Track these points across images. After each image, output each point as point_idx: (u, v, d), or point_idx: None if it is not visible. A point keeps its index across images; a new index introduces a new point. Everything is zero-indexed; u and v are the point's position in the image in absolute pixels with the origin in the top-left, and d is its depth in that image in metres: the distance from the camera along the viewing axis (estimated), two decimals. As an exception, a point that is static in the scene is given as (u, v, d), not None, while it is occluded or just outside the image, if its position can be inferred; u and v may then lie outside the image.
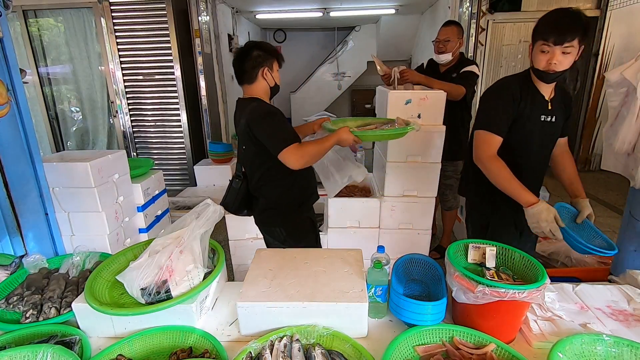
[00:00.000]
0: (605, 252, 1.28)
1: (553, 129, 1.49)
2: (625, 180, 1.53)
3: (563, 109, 1.50)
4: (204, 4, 4.43)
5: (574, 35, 1.27)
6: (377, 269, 1.08)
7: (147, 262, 1.07)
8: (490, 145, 1.45)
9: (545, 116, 1.45)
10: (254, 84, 1.62)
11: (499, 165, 1.42)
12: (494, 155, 1.44)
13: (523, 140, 1.47)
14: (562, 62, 1.32)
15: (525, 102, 1.43)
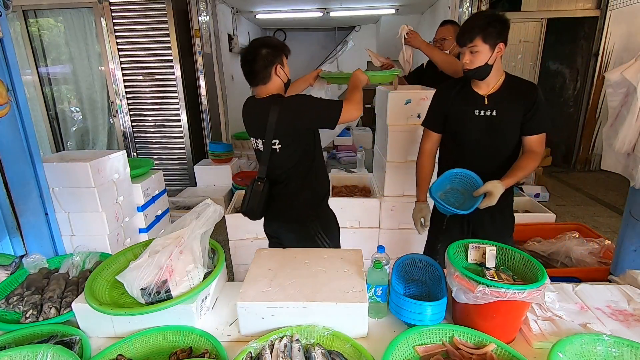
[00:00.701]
0: (456, 211, 1.41)
1: (493, 122, 1.51)
2: (625, 180, 1.53)
3: (513, 104, 1.49)
4: (204, 4, 4.43)
5: (472, 37, 1.38)
6: (377, 269, 1.08)
7: (147, 262, 1.07)
8: (425, 139, 1.72)
9: (479, 110, 1.52)
10: (269, 83, 1.55)
11: (421, 159, 1.73)
12: (424, 149, 1.72)
13: (461, 131, 1.60)
14: (473, 60, 1.42)
15: (457, 100, 1.58)
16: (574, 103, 5.36)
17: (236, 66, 5.94)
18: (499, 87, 1.51)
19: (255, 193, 1.62)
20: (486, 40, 1.38)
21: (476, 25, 1.38)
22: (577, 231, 2.32)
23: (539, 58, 5.09)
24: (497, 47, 1.40)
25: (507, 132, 1.53)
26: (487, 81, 1.49)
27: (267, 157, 1.58)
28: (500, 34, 1.39)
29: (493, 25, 1.37)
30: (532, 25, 4.95)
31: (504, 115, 1.50)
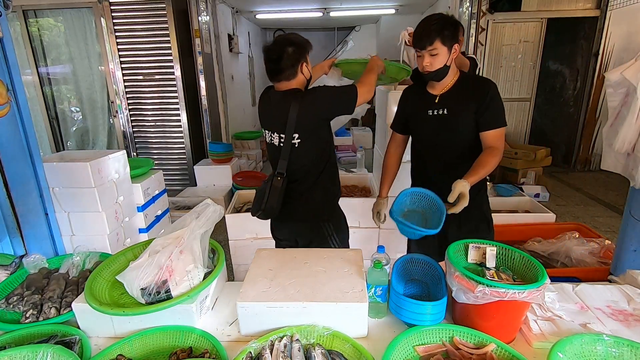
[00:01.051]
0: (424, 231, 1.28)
1: (445, 121, 1.53)
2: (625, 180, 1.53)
3: (464, 102, 1.49)
4: (204, 4, 4.43)
5: (431, 39, 1.40)
6: (377, 269, 1.08)
7: (147, 262, 1.07)
8: (391, 140, 1.79)
9: (432, 110, 1.55)
10: (293, 80, 1.55)
11: (385, 159, 1.79)
12: (389, 150, 1.79)
13: (418, 132, 1.65)
14: (433, 62, 1.44)
15: (414, 101, 1.63)
16: (574, 103, 5.36)
17: (236, 66, 5.95)
18: (451, 86, 1.53)
19: (275, 189, 1.57)
20: (444, 42, 1.40)
21: (433, 29, 1.40)
22: (577, 231, 2.31)
23: (539, 58, 5.09)
24: (453, 49, 1.44)
25: (459, 129, 1.53)
26: (442, 81, 1.52)
27: (287, 152, 1.55)
28: (454, 36, 1.43)
29: (448, 27, 1.40)
30: (532, 25, 4.95)
31: (455, 114, 1.51)
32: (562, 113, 5.63)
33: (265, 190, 1.59)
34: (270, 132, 1.61)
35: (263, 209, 1.60)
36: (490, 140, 1.49)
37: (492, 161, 1.45)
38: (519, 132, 5.41)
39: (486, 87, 1.48)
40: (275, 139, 1.58)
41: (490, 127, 1.48)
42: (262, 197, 1.61)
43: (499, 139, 1.50)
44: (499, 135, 1.50)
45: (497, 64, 5.10)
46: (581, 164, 5.37)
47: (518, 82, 5.20)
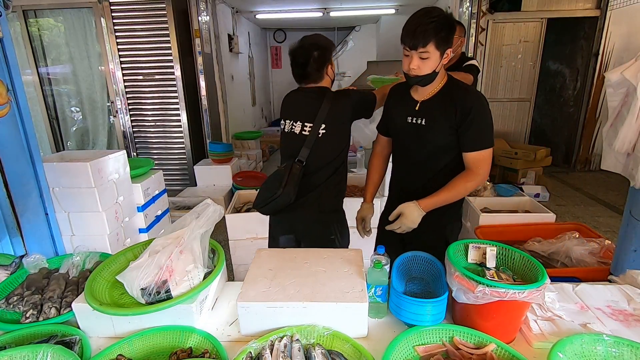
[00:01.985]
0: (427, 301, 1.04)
1: (422, 132, 1.38)
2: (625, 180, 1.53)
3: (444, 114, 1.34)
4: (204, 4, 4.44)
5: (425, 41, 1.23)
6: (377, 269, 1.08)
7: (147, 262, 1.07)
8: (377, 142, 1.67)
9: (411, 118, 1.41)
10: (321, 82, 1.62)
11: (371, 160, 1.68)
12: (374, 151, 1.68)
13: (396, 138, 1.55)
14: (421, 67, 1.28)
15: (396, 104, 1.50)
16: (574, 103, 5.36)
17: (236, 66, 5.96)
18: (435, 94, 1.37)
19: (294, 176, 1.56)
20: (438, 46, 1.24)
21: (430, 28, 1.21)
22: (577, 231, 2.31)
23: (539, 58, 5.09)
24: (445, 54, 1.28)
25: (435, 143, 1.38)
26: (426, 87, 1.37)
27: (312, 141, 1.58)
28: (450, 40, 1.27)
29: (445, 29, 1.24)
30: (532, 25, 4.95)
31: (433, 125, 1.36)
32: (562, 113, 5.63)
33: (284, 175, 1.56)
34: (293, 121, 1.63)
35: (280, 195, 1.55)
36: (470, 162, 1.35)
37: (465, 186, 1.33)
38: (519, 132, 5.42)
39: (470, 102, 1.30)
40: (298, 128, 1.62)
41: (471, 148, 1.33)
42: (278, 182, 1.56)
43: (481, 161, 1.34)
44: (482, 157, 1.34)
45: (497, 64, 5.10)
46: (581, 164, 5.37)
47: (518, 82, 5.20)
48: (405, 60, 1.31)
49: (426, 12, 1.25)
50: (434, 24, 1.22)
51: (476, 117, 1.30)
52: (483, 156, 1.34)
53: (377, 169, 1.67)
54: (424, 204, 1.31)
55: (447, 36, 1.25)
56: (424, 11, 1.26)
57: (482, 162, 1.34)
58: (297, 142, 1.61)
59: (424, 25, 1.22)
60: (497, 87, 5.22)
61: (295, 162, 1.58)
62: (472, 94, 1.34)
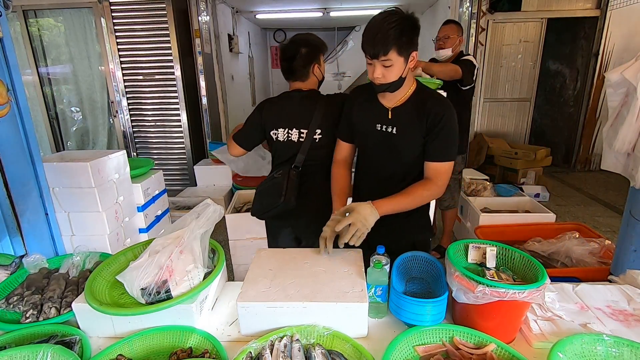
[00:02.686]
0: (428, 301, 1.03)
1: (392, 140, 1.33)
2: (625, 180, 1.53)
3: (415, 122, 1.29)
4: (204, 4, 4.44)
5: (385, 49, 1.15)
6: (377, 269, 1.08)
7: (147, 262, 1.07)
8: (338, 149, 1.52)
9: (381, 125, 1.34)
10: (307, 81, 1.60)
11: (335, 171, 1.50)
12: (337, 160, 1.51)
13: (363, 145, 1.45)
14: (386, 75, 1.21)
15: (362, 110, 1.40)
16: (574, 103, 5.36)
17: (236, 66, 5.95)
18: (406, 100, 1.31)
19: (292, 182, 1.55)
20: (401, 52, 1.17)
21: (390, 35, 1.14)
22: (577, 231, 2.32)
23: (539, 58, 5.09)
24: (410, 57, 1.21)
25: (406, 153, 1.34)
26: (395, 92, 1.30)
27: (307, 147, 1.57)
28: (413, 42, 1.19)
29: (407, 32, 1.16)
30: (532, 25, 4.95)
31: (404, 134, 1.31)
32: (562, 113, 5.63)
33: (282, 184, 1.56)
34: (289, 129, 1.61)
35: (281, 203, 1.54)
36: (430, 172, 1.31)
37: (423, 194, 1.28)
38: (519, 132, 5.42)
39: (441, 112, 1.26)
40: (295, 135, 1.60)
41: (435, 158, 1.29)
42: (278, 191, 1.55)
43: (442, 173, 1.30)
44: (443, 169, 1.30)
45: (497, 64, 5.10)
46: (581, 164, 5.37)
47: (518, 82, 5.20)
48: (369, 68, 1.25)
49: (384, 18, 1.17)
50: (394, 29, 1.14)
51: (445, 127, 1.26)
52: (445, 168, 1.30)
53: (343, 177, 1.50)
54: (380, 205, 1.23)
55: (409, 40, 1.18)
56: (382, 16, 1.17)
57: (443, 174, 1.30)
58: (293, 149, 1.60)
59: (383, 31, 1.14)
60: (497, 87, 5.22)
61: (292, 168, 1.58)
62: (443, 102, 1.30)
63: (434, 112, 1.26)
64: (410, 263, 1.27)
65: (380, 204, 1.23)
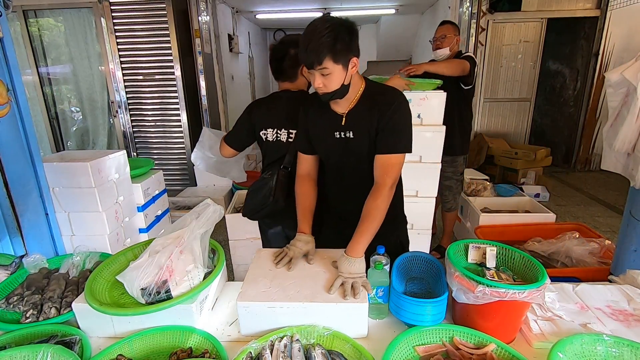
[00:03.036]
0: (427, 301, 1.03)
1: (352, 146, 1.28)
2: (625, 180, 1.53)
3: (368, 121, 1.24)
4: (204, 4, 4.43)
5: (320, 58, 1.10)
6: (378, 270, 1.08)
7: (147, 262, 1.07)
8: (300, 164, 1.42)
9: (338, 132, 1.28)
10: (296, 82, 1.61)
11: (299, 188, 1.40)
12: (301, 175, 1.41)
13: (326, 157, 1.38)
14: (327, 84, 1.16)
15: (316, 119, 1.33)
16: (574, 103, 5.36)
17: (236, 66, 5.95)
18: (357, 102, 1.26)
19: (281, 183, 1.55)
20: (337, 60, 1.12)
21: (322, 43, 1.09)
22: (577, 231, 2.32)
23: (539, 58, 5.09)
24: (350, 63, 1.16)
25: (367, 155, 1.27)
26: (345, 98, 1.25)
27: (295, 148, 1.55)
28: (350, 48, 1.14)
29: (341, 39, 1.10)
30: (532, 25, 4.95)
31: (361, 137, 1.26)
32: (562, 113, 5.63)
33: (270, 184, 1.56)
34: (277, 129, 1.60)
35: (269, 203, 1.55)
36: (379, 167, 1.22)
37: (379, 207, 1.19)
38: (519, 132, 5.42)
39: (389, 102, 1.21)
40: (284, 135, 1.59)
41: (383, 150, 1.22)
42: (267, 190, 1.56)
43: (390, 166, 1.21)
44: (393, 163, 1.22)
45: (497, 64, 5.10)
46: (581, 164, 5.37)
47: (518, 82, 5.20)
48: (310, 77, 1.20)
49: (317, 26, 1.11)
50: (326, 37, 1.09)
51: (394, 117, 1.21)
52: (393, 161, 1.22)
53: (308, 195, 1.39)
54: (351, 251, 1.15)
55: (345, 47, 1.12)
56: (314, 24, 1.12)
57: (392, 168, 1.22)
58: (282, 149, 1.59)
59: (315, 41, 1.10)
60: (497, 87, 5.22)
61: (281, 168, 1.57)
62: (392, 93, 1.26)
63: (382, 102, 1.22)
64: (410, 263, 1.27)
65: (353, 249, 1.15)
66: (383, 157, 1.22)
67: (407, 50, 7.10)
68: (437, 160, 2.26)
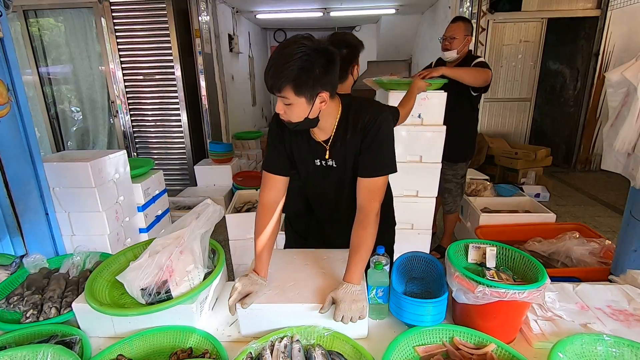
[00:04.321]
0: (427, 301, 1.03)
1: (333, 173, 1.21)
2: (626, 180, 1.53)
3: (350, 146, 1.15)
4: (204, 3, 4.43)
5: (279, 87, 0.97)
6: (378, 270, 1.07)
7: (147, 262, 1.07)
8: (266, 187, 1.22)
9: (319, 160, 1.19)
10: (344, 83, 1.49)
11: (261, 219, 1.20)
12: (266, 202, 1.21)
13: (305, 181, 1.29)
14: (288, 113, 1.03)
15: (296, 142, 1.20)
16: (575, 103, 5.36)
17: (236, 66, 5.95)
18: (336, 129, 1.15)
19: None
20: (300, 92, 0.97)
21: (286, 70, 0.94)
22: (577, 231, 2.32)
23: (539, 58, 5.09)
24: (318, 98, 1.01)
25: (352, 181, 1.19)
26: (320, 127, 1.13)
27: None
28: (320, 81, 0.98)
29: (309, 70, 0.94)
30: (532, 25, 4.95)
31: (345, 164, 1.18)
32: (562, 113, 5.62)
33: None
34: None
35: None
36: (363, 191, 1.13)
37: (371, 234, 1.10)
38: (519, 132, 5.42)
39: (371, 123, 1.11)
40: None
41: (367, 173, 1.12)
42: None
43: (377, 190, 1.13)
44: (379, 185, 1.13)
45: (497, 64, 5.10)
46: (581, 164, 5.36)
47: (518, 82, 5.20)
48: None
49: (287, 47, 0.96)
50: (293, 64, 0.94)
51: (375, 141, 1.11)
52: (379, 184, 1.13)
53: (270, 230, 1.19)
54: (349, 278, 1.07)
55: (315, 79, 0.96)
56: (287, 44, 0.97)
57: (377, 191, 1.13)
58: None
59: (278, 65, 0.95)
60: (498, 87, 5.22)
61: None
62: (374, 116, 1.12)
63: (364, 127, 1.11)
64: (410, 263, 1.27)
65: (351, 278, 1.07)
66: (367, 181, 1.13)
67: (407, 50, 7.10)
68: (437, 160, 2.26)
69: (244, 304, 1.02)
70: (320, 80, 0.97)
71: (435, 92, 2.20)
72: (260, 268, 1.13)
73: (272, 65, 0.97)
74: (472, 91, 2.48)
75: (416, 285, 1.23)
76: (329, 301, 1.00)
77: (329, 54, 0.98)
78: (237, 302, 1.03)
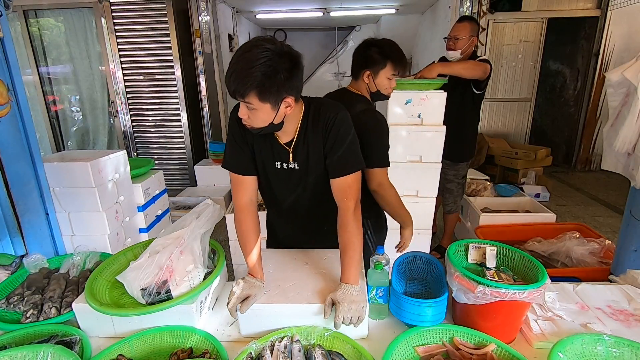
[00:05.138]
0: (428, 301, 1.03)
1: (295, 176, 1.18)
2: (626, 180, 1.53)
3: (314, 147, 1.13)
4: (204, 3, 4.43)
5: (243, 92, 0.94)
6: (378, 270, 1.07)
7: (148, 262, 1.07)
8: (237, 189, 1.19)
9: (280, 163, 1.16)
10: (358, 82, 1.51)
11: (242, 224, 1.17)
12: (241, 205, 1.19)
13: (265, 182, 1.24)
14: (252, 118, 1.01)
15: (258, 142, 1.17)
16: (575, 103, 5.36)
17: (236, 66, 5.95)
18: (299, 131, 1.12)
19: None
20: (264, 98, 0.95)
21: (249, 75, 0.91)
22: (577, 231, 2.32)
23: (539, 58, 5.09)
24: (283, 104, 0.99)
25: (316, 184, 1.18)
26: (284, 130, 1.11)
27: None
28: (285, 86, 0.96)
29: (274, 75, 0.92)
30: (532, 25, 4.95)
31: (307, 167, 1.15)
32: (562, 113, 5.62)
33: None
34: None
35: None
36: (337, 192, 1.12)
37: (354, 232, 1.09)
38: (520, 132, 5.41)
39: (330, 122, 1.09)
40: None
41: (334, 174, 1.11)
42: None
43: (348, 188, 1.11)
44: (350, 183, 1.11)
45: (497, 64, 5.10)
46: (582, 164, 5.36)
47: (518, 82, 5.20)
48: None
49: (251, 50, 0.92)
50: (257, 69, 0.91)
51: (340, 138, 1.09)
52: (349, 182, 1.11)
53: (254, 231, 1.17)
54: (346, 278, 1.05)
55: (279, 85, 0.94)
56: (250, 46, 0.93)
57: (348, 189, 1.11)
58: None
59: (240, 72, 0.92)
60: (498, 87, 5.22)
61: None
62: (334, 114, 1.10)
63: (326, 126, 1.10)
64: (410, 263, 1.27)
65: (348, 278, 1.05)
66: (337, 181, 1.12)
67: (407, 50, 7.09)
68: (437, 160, 2.26)
69: (243, 309, 1.01)
70: (285, 85, 0.95)
71: (435, 92, 2.20)
72: (255, 271, 1.11)
73: (234, 70, 0.93)
74: (475, 89, 2.47)
75: (416, 285, 1.23)
76: (329, 303, 1.01)
77: (293, 57, 0.97)
78: (236, 306, 1.03)
